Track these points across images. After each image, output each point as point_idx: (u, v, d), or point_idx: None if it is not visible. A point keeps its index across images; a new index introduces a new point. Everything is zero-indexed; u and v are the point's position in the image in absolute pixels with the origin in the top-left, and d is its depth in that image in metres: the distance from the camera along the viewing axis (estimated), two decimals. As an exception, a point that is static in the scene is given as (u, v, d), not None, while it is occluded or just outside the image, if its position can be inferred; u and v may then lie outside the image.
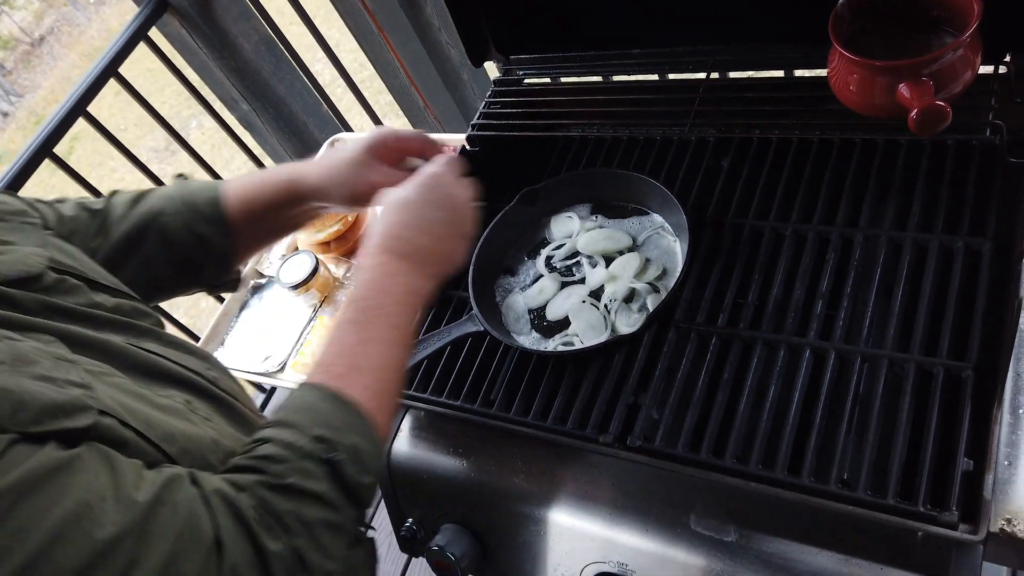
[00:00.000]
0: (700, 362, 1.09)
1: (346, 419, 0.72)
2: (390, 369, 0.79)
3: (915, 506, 0.88)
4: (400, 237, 0.88)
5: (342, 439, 0.70)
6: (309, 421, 0.70)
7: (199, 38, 2.38)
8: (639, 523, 1.07)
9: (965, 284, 1.02)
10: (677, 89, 1.23)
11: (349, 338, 0.79)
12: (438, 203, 0.92)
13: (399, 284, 0.84)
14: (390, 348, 0.80)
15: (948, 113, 0.89)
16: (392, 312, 0.82)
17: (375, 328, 0.80)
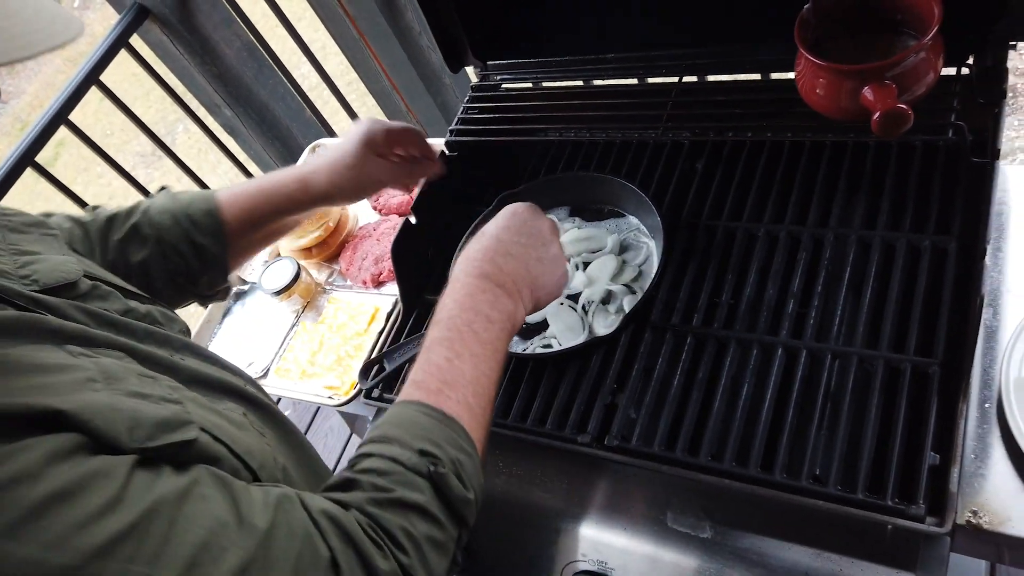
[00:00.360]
0: (676, 361, 1.11)
1: (446, 433, 0.71)
2: (481, 384, 0.78)
3: (883, 500, 0.90)
4: (482, 260, 0.88)
5: (444, 453, 0.69)
6: (411, 435, 0.69)
7: (181, 45, 2.38)
8: (618, 521, 1.08)
9: (932, 282, 1.04)
10: (651, 93, 1.25)
11: (439, 356, 0.78)
12: (524, 232, 0.92)
13: (487, 302, 0.84)
14: (481, 362, 0.79)
15: (910, 116, 0.91)
16: (481, 328, 0.81)
17: (464, 344, 0.79)
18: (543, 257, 0.92)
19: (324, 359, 1.40)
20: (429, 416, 0.72)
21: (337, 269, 1.55)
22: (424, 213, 1.34)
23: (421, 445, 0.68)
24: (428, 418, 0.72)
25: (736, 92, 1.22)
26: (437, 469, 0.67)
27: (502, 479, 1.18)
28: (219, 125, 2.68)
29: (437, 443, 0.69)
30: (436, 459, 0.68)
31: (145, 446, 0.57)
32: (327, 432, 2.87)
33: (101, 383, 0.61)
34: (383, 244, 1.49)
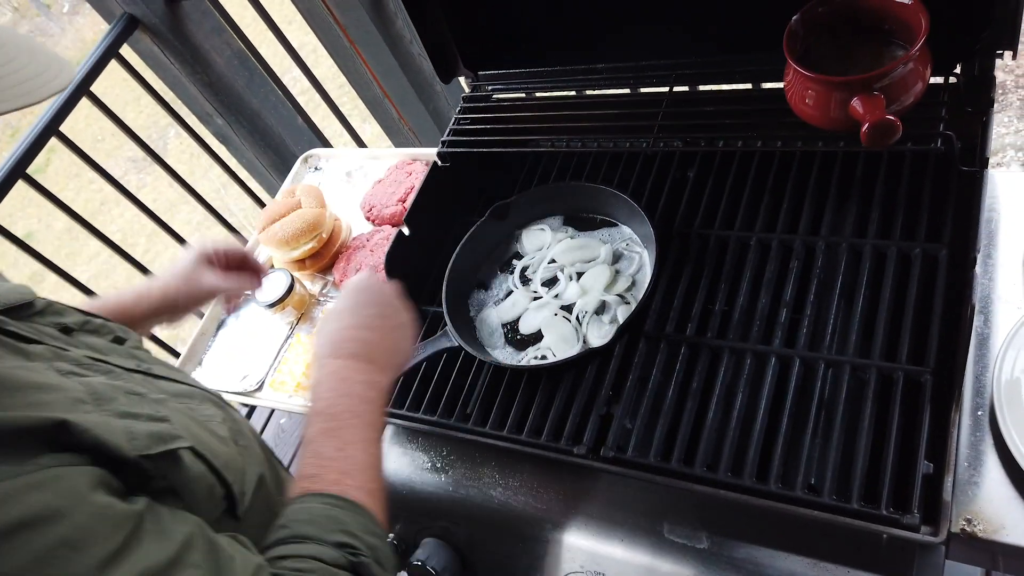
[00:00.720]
0: (670, 371, 1.11)
1: (358, 521, 0.72)
2: (374, 467, 0.79)
3: (878, 509, 0.91)
4: (346, 339, 0.89)
5: (361, 542, 0.70)
6: (324, 530, 0.70)
7: (171, 54, 2.37)
8: (615, 532, 1.09)
9: (923, 289, 1.05)
10: (642, 103, 1.26)
11: (329, 448, 0.78)
12: (371, 303, 0.94)
13: (358, 383, 0.85)
14: (370, 446, 0.81)
15: (898, 127, 0.91)
16: (363, 411, 0.82)
17: (352, 431, 0.80)
18: (397, 325, 0.95)
19: (319, 371, 1.40)
20: (338, 507, 0.72)
21: (331, 280, 1.55)
22: (417, 224, 1.34)
23: (337, 538, 0.69)
24: (338, 509, 0.72)
25: (727, 102, 1.23)
26: (359, 559, 0.68)
27: (498, 491, 1.18)
28: (211, 134, 2.68)
29: (352, 533, 0.70)
30: (355, 549, 0.69)
31: (145, 453, 0.61)
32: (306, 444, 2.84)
33: (91, 404, 0.64)
34: (377, 255, 1.50)
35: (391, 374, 0.91)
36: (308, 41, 4.67)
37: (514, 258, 1.34)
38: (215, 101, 2.55)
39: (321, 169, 1.81)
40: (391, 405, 1.25)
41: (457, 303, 1.28)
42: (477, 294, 1.32)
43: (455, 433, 1.19)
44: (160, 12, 2.28)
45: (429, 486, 1.23)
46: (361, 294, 0.95)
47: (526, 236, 1.34)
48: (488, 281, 1.33)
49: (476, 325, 1.28)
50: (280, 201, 1.56)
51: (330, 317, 0.94)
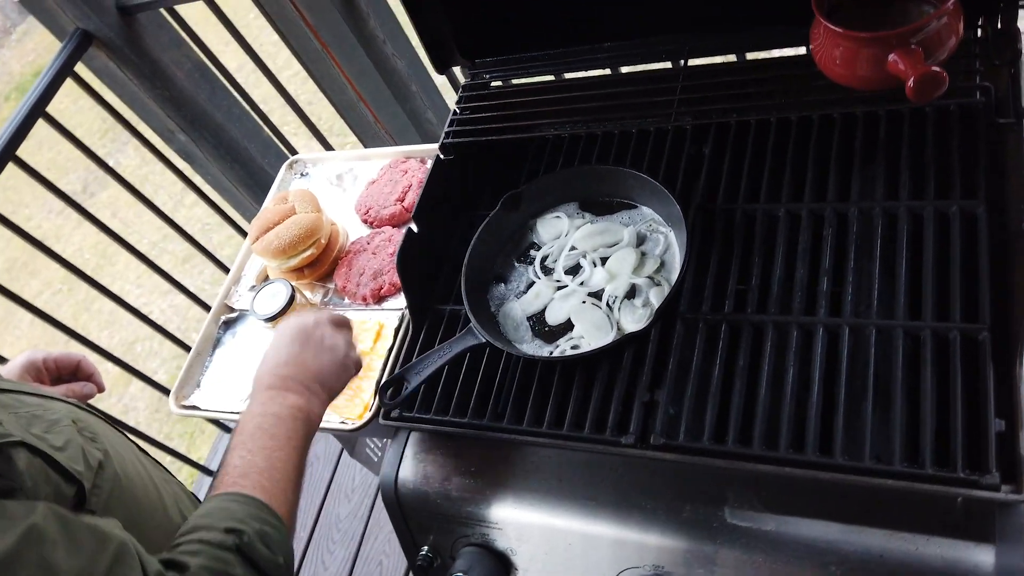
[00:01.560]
0: (712, 352, 1.07)
1: (248, 510, 0.80)
2: (276, 469, 0.87)
3: (954, 472, 0.87)
4: (270, 374, 1.00)
5: (248, 527, 0.77)
6: (216, 519, 0.78)
7: (129, 70, 2.27)
8: (670, 522, 1.04)
9: (966, 247, 1.03)
10: (656, 80, 1.22)
11: (234, 457, 0.87)
12: (297, 340, 1.05)
13: (275, 404, 0.95)
14: (272, 452, 0.89)
15: (945, 79, 0.89)
16: (269, 425, 0.92)
17: (254, 442, 0.89)
18: (319, 354, 1.04)
19: (331, 383, 1.32)
20: (231, 500, 0.81)
21: (332, 288, 1.48)
22: (425, 221, 1.28)
23: (226, 524, 0.77)
24: (230, 502, 0.80)
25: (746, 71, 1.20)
26: (243, 540, 0.76)
27: (540, 490, 1.12)
28: (174, 151, 2.57)
29: (240, 520, 0.78)
30: (240, 532, 0.76)
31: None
32: (313, 459, 2.76)
33: None
34: (380, 257, 1.43)
35: (319, 396, 1.01)
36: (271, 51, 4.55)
37: (531, 248, 1.29)
38: (177, 117, 2.46)
39: (308, 175, 1.73)
40: (416, 411, 1.18)
41: (477, 299, 1.22)
42: (496, 288, 1.27)
43: (489, 434, 1.13)
44: (115, 26, 2.18)
45: (465, 492, 1.16)
46: (283, 335, 1.06)
47: (541, 225, 1.29)
48: (506, 274, 1.28)
49: (499, 320, 1.22)
50: (272, 208, 1.48)
51: (261, 363, 1.04)
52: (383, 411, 1.18)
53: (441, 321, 1.27)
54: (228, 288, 1.56)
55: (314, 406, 0.99)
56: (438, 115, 2.41)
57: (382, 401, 1.15)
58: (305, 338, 1.05)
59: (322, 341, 1.06)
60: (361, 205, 1.55)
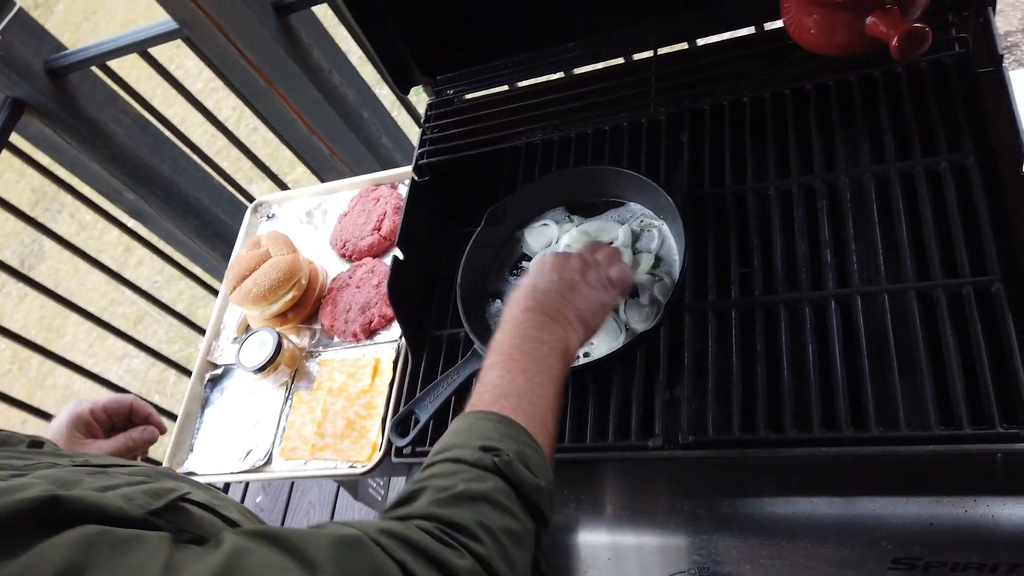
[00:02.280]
0: (726, 340, 1.05)
1: (504, 430, 0.72)
2: (536, 394, 0.79)
3: (992, 429, 0.86)
4: (529, 297, 0.91)
5: (507, 446, 0.69)
6: (470, 438, 0.70)
7: (66, 133, 2.18)
8: (710, 520, 1.01)
9: (963, 200, 1.02)
10: (628, 72, 1.19)
11: (491, 376, 0.80)
12: (556, 269, 0.95)
13: (535, 327, 0.87)
14: (533, 376, 0.80)
15: (928, 33, 0.88)
16: (530, 348, 0.84)
17: (514, 362, 0.81)
18: (576, 286, 0.94)
19: (333, 427, 1.27)
20: (486, 420, 0.73)
21: (319, 328, 1.42)
22: (411, 246, 1.24)
23: (481, 443, 0.69)
24: (485, 421, 0.73)
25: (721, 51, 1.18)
26: (502, 459, 0.67)
27: (571, 507, 1.09)
28: (123, 211, 2.48)
29: (498, 439, 0.70)
30: (498, 451, 0.68)
31: (150, 509, 0.55)
32: (308, 508, 2.68)
33: (56, 487, 0.55)
34: (365, 290, 1.38)
35: (576, 329, 0.91)
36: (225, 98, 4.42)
37: (522, 260, 1.25)
38: (121, 175, 2.37)
39: (275, 216, 1.67)
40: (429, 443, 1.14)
41: (476, 319, 1.18)
42: (493, 305, 1.23)
43: (510, 457, 1.09)
44: (46, 90, 2.10)
45: (492, 520, 1.12)
46: (541, 266, 0.97)
47: (530, 235, 1.25)
48: (500, 290, 1.24)
49: (502, 338, 1.18)
50: (245, 255, 1.42)
51: (514, 289, 0.95)
52: (395, 450, 1.13)
53: (440, 347, 1.23)
54: (209, 344, 1.50)
55: (573, 339, 0.89)
56: (393, 139, 2.37)
57: (396, 439, 1.10)
58: (566, 270, 0.96)
59: (584, 277, 0.96)
60: (336, 239, 1.50)
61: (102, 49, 1.97)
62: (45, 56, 2.04)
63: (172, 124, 2.29)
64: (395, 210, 1.47)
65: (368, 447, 1.24)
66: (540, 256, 1.00)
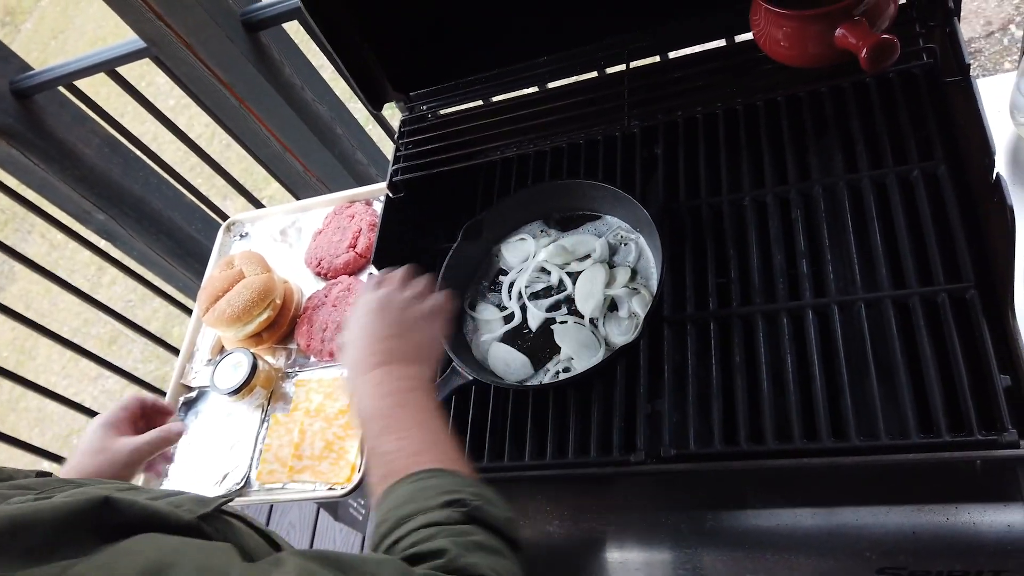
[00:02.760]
0: (705, 352, 1.05)
1: (447, 481, 0.70)
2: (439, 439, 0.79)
3: (971, 436, 0.86)
4: (366, 356, 0.89)
5: (465, 493, 0.68)
6: (424, 500, 0.67)
7: (34, 155, 2.15)
8: (694, 534, 1.00)
9: (935, 207, 1.03)
10: (601, 86, 1.19)
11: (389, 445, 0.77)
12: (379, 312, 0.94)
13: (394, 381, 0.85)
14: (425, 426, 0.80)
15: (896, 45, 0.89)
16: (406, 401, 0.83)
17: (402, 421, 0.80)
18: (413, 321, 0.95)
19: (311, 449, 1.25)
20: (423, 479, 0.71)
21: (295, 348, 1.40)
22: (386, 264, 1.22)
23: (439, 500, 0.66)
24: (424, 480, 0.70)
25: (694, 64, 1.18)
26: (470, 507, 0.66)
27: (554, 524, 1.08)
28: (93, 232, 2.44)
29: (451, 491, 0.68)
30: (462, 501, 0.66)
31: (200, 514, 0.56)
32: (288, 528, 2.64)
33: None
34: (341, 309, 1.36)
35: (426, 365, 0.92)
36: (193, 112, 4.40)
37: (499, 275, 1.25)
38: (92, 196, 2.34)
39: (248, 235, 1.65)
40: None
41: (455, 336, 1.17)
42: (470, 322, 1.22)
43: (491, 475, 1.08)
44: (12, 111, 2.07)
45: (474, 540, 1.10)
46: (367, 314, 0.95)
47: (507, 250, 1.25)
48: (478, 305, 1.23)
49: (479, 354, 1.18)
50: (218, 275, 1.40)
51: (348, 348, 0.93)
52: (375, 470, 1.12)
53: (419, 365, 1.22)
54: (182, 366, 1.47)
55: (426, 373, 0.90)
56: (367, 155, 2.35)
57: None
58: (388, 311, 0.95)
59: (405, 313, 0.95)
60: (311, 257, 1.48)
61: (69, 69, 1.94)
62: (10, 77, 2.01)
63: (143, 143, 2.26)
64: (370, 227, 1.46)
65: (347, 468, 1.22)
66: (356, 307, 0.99)
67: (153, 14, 1.74)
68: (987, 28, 3.15)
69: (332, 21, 1.18)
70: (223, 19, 1.79)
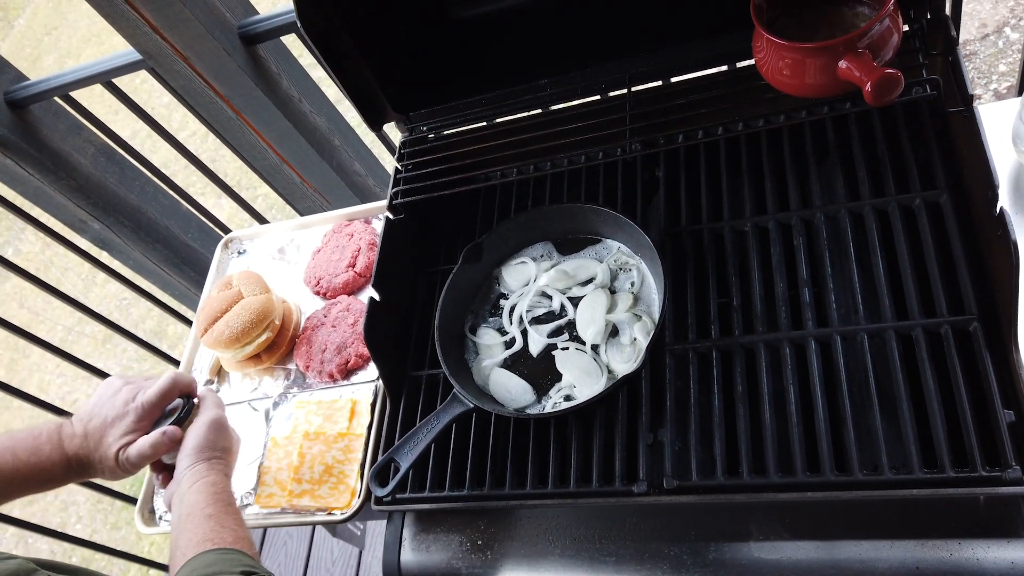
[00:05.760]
0: (707, 381, 1.05)
1: (249, 560, 0.88)
2: (234, 524, 0.96)
3: (975, 472, 0.86)
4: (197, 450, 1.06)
5: (260, 571, 0.85)
6: (224, 567, 0.85)
7: (29, 165, 2.13)
8: (696, 566, 1.00)
9: (937, 237, 1.03)
10: (602, 111, 1.19)
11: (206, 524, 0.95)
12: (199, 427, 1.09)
13: (202, 472, 1.04)
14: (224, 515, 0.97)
15: (900, 79, 0.89)
16: (213, 491, 1.01)
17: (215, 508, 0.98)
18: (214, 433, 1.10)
19: (311, 473, 1.24)
20: (228, 553, 0.89)
21: (295, 369, 1.39)
22: (386, 286, 1.22)
23: (241, 569, 0.84)
24: (216, 555, 0.88)
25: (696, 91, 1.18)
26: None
27: (556, 553, 1.07)
28: (88, 241, 2.43)
29: (249, 565, 0.86)
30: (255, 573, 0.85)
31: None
32: (285, 539, 2.64)
33: None
34: (341, 330, 1.36)
35: (226, 459, 1.09)
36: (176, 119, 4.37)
37: (500, 298, 1.24)
38: (87, 206, 2.32)
39: (246, 252, 1.64)
40: (410, 490, 1.12)
41: (455, 361, 1.17)
42: (471, 347, 1.21)
43: (492, 504, 1.08)
44: (7, 122, 2.05)
45: (475, 568, 1.10)
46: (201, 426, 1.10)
47: (507, 273, 1.24)
48: (479, 329, 1.22)
49: (480, 379, 1.17)
50: (217, 296, 1.39)
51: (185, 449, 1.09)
52: (374, 499, 1.11)
53: (419, 389, 1.21)
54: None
55: (228, 464, 1.09)
56: (365, 166, 2.34)
57: (376, 488, 1.08)
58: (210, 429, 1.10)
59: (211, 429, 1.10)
60: (310, 276, 1.47)
61: (64, 80, 1.93)
62: (5, 87, 2.00)
63: (139, 153, 2.25)
64: (370, 246, 1.45)
65: (347, 493, 1.21)
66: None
67: (150, 27, 1.73)
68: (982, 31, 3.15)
69: (330, 43, 1.17)
70: (220, 32, 1.78)
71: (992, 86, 2.98)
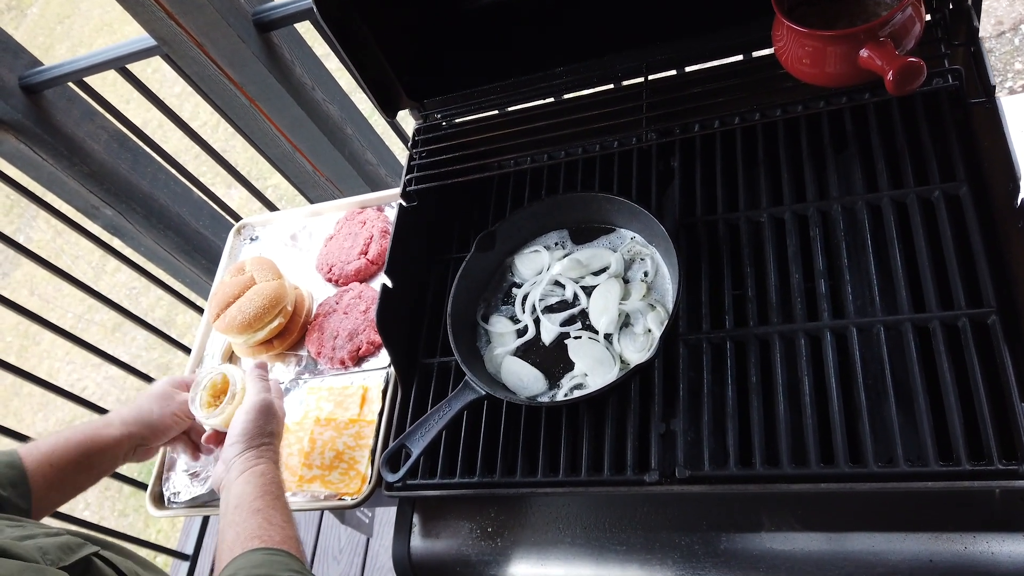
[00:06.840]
0: (721, 371, 1.04)
1: (296, 563, 0.88)
2: (282, 520, 0.97)
3: (991, 465, 0.86)
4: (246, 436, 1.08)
5: (304, 573, 0.87)
6: (272, 570, 0.84)
7: (42, 150, 2.14)
8: (708, 556, 1.00)
9: (956, 230, 1.02)
10: (618, 99, 1.18)
11: (255, 519, 0.95)
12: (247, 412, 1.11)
13: (251, 461, 1.04)
14: (272, 510, 0.97)
15: (923, 68, 0.88)
16: (263, 482, 1.01)
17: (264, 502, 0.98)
18: (258, 415, 1.10)
19: (321, 458, 1.24)
20: (274, 554, 0.88)
21: (306, 355, 1.40)
22: (399, 274, 1.22)
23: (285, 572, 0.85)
24: (269, 555, 0.87)
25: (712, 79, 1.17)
26: None
27: (566, 542, 1.07)
28: (100, 227, 2.43)
29: (296, 570, 0.86)
30: None
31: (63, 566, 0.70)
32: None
33: None
34: (352, 316, 1.36)
35: (272, 441, 1.09)
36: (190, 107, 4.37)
37: (513, 287, 1.24)
38: (100, 191, 2.33)
39: (258, 238, 1.64)
40: (421, 477, 1.12)
41: (467, 348, 1.16)
42: (484, 335, 1.21)
43: (503, 491, 1.08)
44: (22, 107, 2.06)
45: (485, 555, 1.10)
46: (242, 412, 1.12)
47: (520, 261, 1.24)
48: (491, 317, 1.22)
49: (493, 367, 1.17)
50: (229, 281, 1.39)
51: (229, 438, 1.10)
52: (385, 484, 1.11)
53: (431, 376, 1.21)
54: (192, 370, 1.47)
55: (271, 455, 1.08)
56: (377, 155, 2.34)
57: (388, 474, 1.08)
58: (253, 412, 1.11)
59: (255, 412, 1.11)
60: (322, 263, 1.47)
61: (78, 66, 1.93)
62: (20, 72, 2.00)
63: (151, 140, 2.25)
64: (382, 233, 1.45)
65: (358, 479, 1.21)
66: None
67: (164, 13, 1.73)
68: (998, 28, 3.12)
69: (346, 29, 1.17)
70: (234, 19, 1.78)
71: (1008, 83, 2.96)
